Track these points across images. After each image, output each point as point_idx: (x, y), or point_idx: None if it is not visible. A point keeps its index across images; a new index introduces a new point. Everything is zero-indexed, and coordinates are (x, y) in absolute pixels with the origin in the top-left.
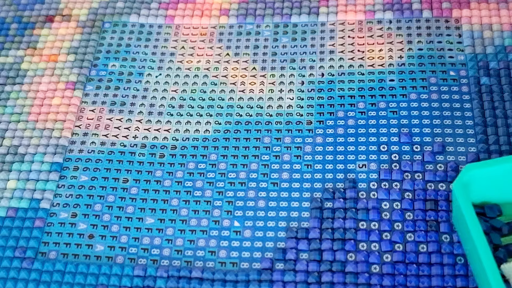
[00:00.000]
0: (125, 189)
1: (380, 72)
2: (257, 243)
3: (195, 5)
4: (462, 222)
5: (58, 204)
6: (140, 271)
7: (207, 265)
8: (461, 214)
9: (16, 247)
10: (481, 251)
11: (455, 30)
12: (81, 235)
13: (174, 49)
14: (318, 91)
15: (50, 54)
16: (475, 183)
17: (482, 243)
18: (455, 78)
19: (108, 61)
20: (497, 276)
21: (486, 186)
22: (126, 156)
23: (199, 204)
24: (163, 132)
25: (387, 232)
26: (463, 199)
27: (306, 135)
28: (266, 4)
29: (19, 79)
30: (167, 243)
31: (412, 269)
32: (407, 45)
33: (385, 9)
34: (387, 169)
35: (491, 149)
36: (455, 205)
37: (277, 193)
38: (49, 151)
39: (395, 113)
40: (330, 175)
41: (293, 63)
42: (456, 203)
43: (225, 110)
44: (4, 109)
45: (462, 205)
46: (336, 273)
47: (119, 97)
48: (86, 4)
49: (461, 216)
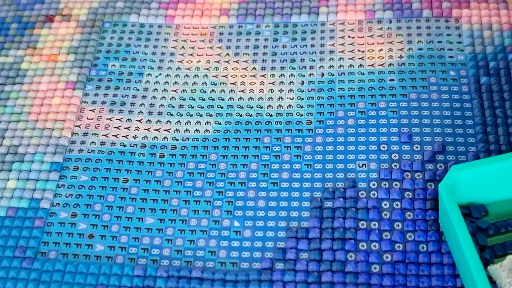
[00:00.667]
0: (125, 189)
1: (380, 72)
2: (257, 243)
3: (195, 5)
4: (448, 223)
5: (58, 204)
6: (140, 271)
7: (207, 265)
8: (447, 215)
9: (16, 247)
10: (467, 252)
11: (455, 30)
12: (81, 235)
13: (174, 49)
14: (318, 91)
15: (50, 54)
16: (461, 184)
17: (468, 244)
18: (455, 78)
19: (108, 61)
20: (483, 277)
21: (472, 187)
22: (126, 156)
23: (199, 204)
24: (163, 132)
25: (387, 231)
26: (449, 200)
27: (306, 135)
28: (266, 4)
29: (19, 79)
30: (167, 243)
31: (412, 269)
32: (407, 45)
33: (385, 9)
34: (387, 168)
35: (491, 149)
36: (442, 206)
37: (277, 193)
38: (49, 151)
39: (395, 113)
40: (330, 175)
41: (293, 63)
42: (443, 204)
43: (225, 110)
44: (4, 109)
45: (448, 206)
46: (336, 272)
47: (119, 97)
48: (86, 4)
49: (447, 217)
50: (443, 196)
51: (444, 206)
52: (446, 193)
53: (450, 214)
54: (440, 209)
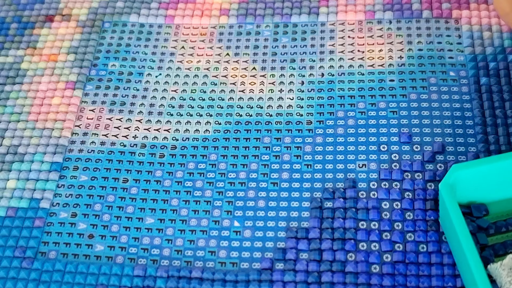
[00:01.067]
0: (125, 189)
1: (380, 72)
2: (257, 243)
3: (195, 5)
4: (448, 222)
5: (58, 204)
6: (140, 271)
7: (207, 265)
8: (447, 214)
9: (15, 247)
10: (467, 251)
11: (455, 30)
12: (81, 235)
13: (174, 49)
14: (318, 91)
15: (50, 54)
16: (462, 183)
17: (468, 243)
18: (455, 78)
19: (108, 61)
20: (483, 276)
21: (473, 186)
22: (126, 156)
23: (199, 204)
24: (163, 132)
25: (387, 232)
26: (450, 199)
27: (306, 135)
28: (266, 4)
29: (19, 79)
30: (167, 243)
31: (412, 269)
32: (407, 45)
33: (385, 9)
34: (387, 169)
35: (491, 149)
36: (442, 205)
37: (277, 193)
38: (49, 151)
39: (395, 113)
40: (330, 175)
41: (293, 63)
42: (443, 204)
43: (225, 110)
44: (4, 109)
45: (449, 206)
46: (336, 273)
47: (119, 97)
48: (86, 4)
49: (447, 217)
50: (443, 195)
51: (445, 205)
52: (446, 192)
53: (450, 213)
54: (441, 209)
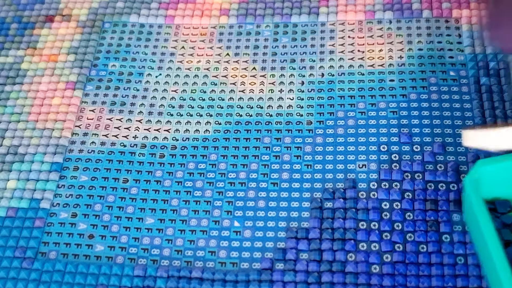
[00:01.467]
0: (125, 189)
1: (380, 72)
2: (257, 243)
3: (195, 5)
4: (473, 217)
5: (58, 204)
6: (140, 271)
7: (207, 265)
8: (472, 210)
9: (16, 247)
10: (492, 247)
11: (455, 30)
12: (81, 235)
13: (174, 49)
14: (318, 91)
15: (50, 54)
16: (486, 179)
17: (493, 239)
18: (455, 78)
19: (108, 61)
20: (508, 272)
21: (497, 182)
22: (126, 156)
23: (199, 204)
24: (163, 132)
25: (387, 232)
26: (475, 195)
27: (306, 135)
28: (266, 4)
29: (19, 79)
30: (167, 243)
31: (412, 269)
32: (407, 45)
33: (385, 9)
34: (387, 169)
35: None
36: (467, 201)
37: (277, 193)
38: (49, 151)
39: (395, 113)
40: (330, 175)
41: (293, 63)
42: (468, 200)
43: (225, 110)
44: (4, 109)
45: (474, 201)
46: (336, 273)
47: (119, 97)
48: (86, 4)
49: (472, 213)
50: (468, 191)
51: (470, 200)
52: (471, 188)
53: (475, 209)
54: (466, 205)
